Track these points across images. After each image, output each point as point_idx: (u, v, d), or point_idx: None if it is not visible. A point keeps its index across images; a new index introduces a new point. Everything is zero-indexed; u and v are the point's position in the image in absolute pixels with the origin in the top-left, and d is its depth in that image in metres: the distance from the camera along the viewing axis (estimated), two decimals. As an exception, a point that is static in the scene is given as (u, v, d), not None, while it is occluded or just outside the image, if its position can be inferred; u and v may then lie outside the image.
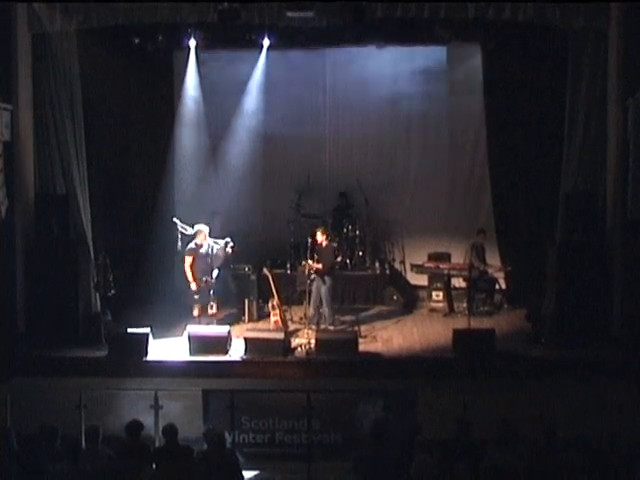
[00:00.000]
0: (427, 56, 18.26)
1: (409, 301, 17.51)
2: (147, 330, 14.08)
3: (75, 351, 14.08)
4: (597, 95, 14.41)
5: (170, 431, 10.18)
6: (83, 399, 12.06)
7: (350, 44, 17.80)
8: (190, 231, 15.26)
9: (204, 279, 14.97)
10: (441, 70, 18.45)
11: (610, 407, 12.18)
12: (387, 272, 18.04)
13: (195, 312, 15.09)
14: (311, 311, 15.13)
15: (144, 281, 17.32)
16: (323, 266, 14.87)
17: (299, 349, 14.06)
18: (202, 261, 15.05)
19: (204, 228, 15.20)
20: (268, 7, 14.23)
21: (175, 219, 15.55)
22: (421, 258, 17.67)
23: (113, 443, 10.26)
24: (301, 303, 15.69)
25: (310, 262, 15.05)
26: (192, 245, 15.08)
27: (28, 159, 14.66)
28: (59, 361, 13.78)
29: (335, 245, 15.36)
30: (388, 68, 18.57)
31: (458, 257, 17.54)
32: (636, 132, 13.52)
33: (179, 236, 15.27)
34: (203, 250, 15.09)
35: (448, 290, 16.89)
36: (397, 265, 18.66)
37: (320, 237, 15.20)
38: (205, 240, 15.12)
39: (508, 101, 16.66)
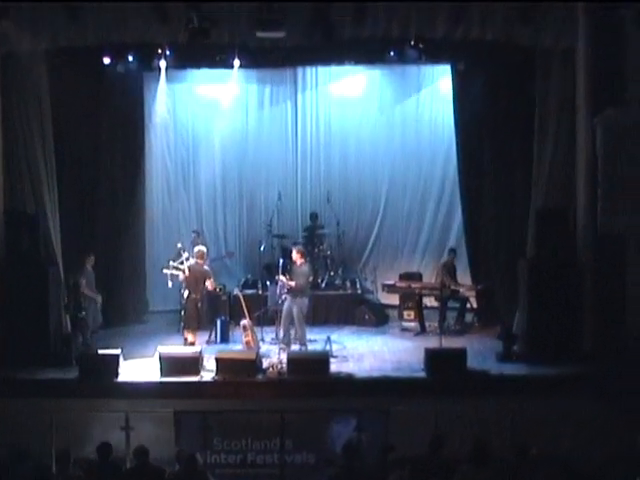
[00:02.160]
0: (397, 75, 18.35)
1: (380, 320, 17.48)
2: (118, 351, 13.96)
3: (45, 372, 13.93)
4: (566, 112, 14.50)
5: (141, 452, 10.09)
6: (54, 421, 11.97)
7: (321, 64, 17.92)
8: (183, 266, 14.90)
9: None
10: (411, 89, 18.56)
11: (582, 423, 12.18)
12: (358, 292, 18.06)
13: (190, 337, 14.75)
14: (282, 331, 15.06)
15: (115, 302, 17.18)
16: (296, 285, 14.80)
17: (271, 369, 13.96)
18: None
19: (204, 249, 15.10)
20: (238, 27, 14.24)
21: (165, 270, 15.09)
22: (392, 278, 17.66)
23: (84, 465, 10.16)
24: (272, 323, 15.64)
25: (282, 277, 15.01)
26: (207, 268, 14.94)
27: (-3, 177, 14.55)
28: (29, 382, 13.62)
29: (309, 267, 15.21)
30: (359, 87, 18.67)
31: (429, 277, 17.61)
32: (605, 149, 13.62)
33: (170, 283, 15.09)
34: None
35: (420, 309, 16.87)
36: (368, 285, 18.62)
37: (295, 256, 15.10)
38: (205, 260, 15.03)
39: (478, 119, 16.71)
